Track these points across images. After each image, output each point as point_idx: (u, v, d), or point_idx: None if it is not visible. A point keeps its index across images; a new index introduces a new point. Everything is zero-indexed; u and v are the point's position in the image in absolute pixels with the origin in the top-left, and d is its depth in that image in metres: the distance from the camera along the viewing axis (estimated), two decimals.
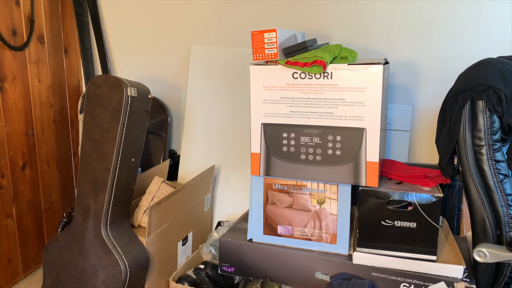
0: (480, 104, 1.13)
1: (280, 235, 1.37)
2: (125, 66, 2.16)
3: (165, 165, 1.94)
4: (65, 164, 2.09)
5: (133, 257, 1.37)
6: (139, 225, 1.61)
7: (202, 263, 1.54)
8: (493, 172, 1.13)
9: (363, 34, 1.82)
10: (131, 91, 1.35)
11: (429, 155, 1.84)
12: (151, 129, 2.07)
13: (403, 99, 1.84)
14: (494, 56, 1.31)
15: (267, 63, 1.27)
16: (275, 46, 1.22)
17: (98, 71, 2.14)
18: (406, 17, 1.76)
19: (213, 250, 1.64)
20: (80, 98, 2.09)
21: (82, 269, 1.35)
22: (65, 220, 1.54)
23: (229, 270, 1.42)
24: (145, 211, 1.59)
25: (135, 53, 2.13)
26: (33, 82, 1.87)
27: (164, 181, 1.69)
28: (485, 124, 1.12)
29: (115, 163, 1.35)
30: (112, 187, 1.36)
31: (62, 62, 2.05)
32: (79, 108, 2.09)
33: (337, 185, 1.29)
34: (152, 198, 1.63)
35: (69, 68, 2.09)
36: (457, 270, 1.19)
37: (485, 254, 1.08)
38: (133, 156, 1.42)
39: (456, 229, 1.65)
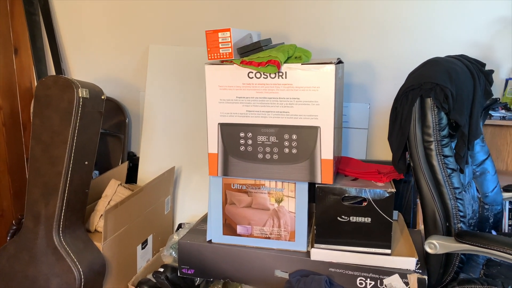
0: (429, 101, 1.16)
1: (239, 235, 1.37)
2: (80, 67, 2.10)
3: (123, 167, 1.89)
4: (17, 169, 2.00)
5: (88, 263, 1.32)
6: (95, 230, 1.56)
7: (161, 266, 1.52)
8: (441, 166, 1.17)
9: (321, 34, 1.85)
10: (83, 92, 1.30)
11: (387, 151, 1.88)
12: (108, 131, 2.01)
13: (361, 97, 1.89)
14: (445, 55, 1.37)
15: (222, 62, 1.26)
16: (230, 45, 1.22)
17: (52, 72, 2.07)
18: (362, 18, 1.80)
19: (173, 253, 1.61)
20: (33, 101, 2.01)
21: (34, 278, 1.29)
22: (14, 227, 1.47)
23: (189, 272, 1.40)
24: (101, 215, 1.55)
25: (91, 53, 2.07)
26: None
27: (121, 184, 1.65)
28: (434, 121, 1.16)
29: (67, 166, 1.30)
30: (65, 192, 1.31)
31: (12, 62, 1.96)
32: (31, 111, 2.00)
33: (295, 183, 1.30)
34: (109, 202, 1.59)
35: (20, 69, 2.00)
36: (410, 262, 1.23)
37: (435, 245, 1.12)
38: (86, 159, 1.37)
39: (412, 223, 1.70)
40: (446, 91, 1.13)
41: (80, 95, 1.30)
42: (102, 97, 1.41)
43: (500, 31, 1.72)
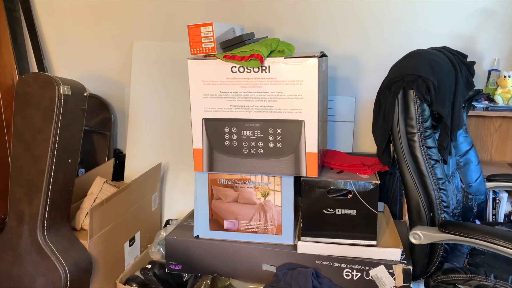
0: (411, 93, 1.17)
1: (226, 230, 1.37)
2: (63, 64, 2.07)
3: (109, 165, 1.88)
4: (1, 168, 1.97)
5: (74, 261, 1.31)
6: (81, 228, 1.55)
7: (149, 263, 1.51)
8: (425, 158, 1.18)
9: (305, 28, 1.85)
10: (64, 89, 1.28)
11: (373, 144, 1.88)
12: (93, 128, 1.99)
13: (346, 91, 1.90)
14: (429, 47, 1.37)
15: (205, 57, 1.25)
16: (212, 40, 1.21)
17: (34, 69, 2.03)
18: (346, 11, 1.80)
19: (161, 249, 1.61)
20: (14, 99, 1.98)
21: (18, 277, 1.28)
22: None
23: (177, 268, 1.40)
24: (87, 213, 1.53)
25: (74, 50, 2.04)
26: None
27: (106, 182, 1.64)
28: (416, 113, 1.17)
29: (49, 165, 1.28)
30: (48, 190, 1.30)
31: None
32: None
33: (280, 177, 1.30)
34: (95, 200, 1.57)
35: (1, 66, 1.97)
36: (395, 253, 1.24)
37: (420, 236, 1.13)
38: (70, 157, 1.36)
39: (398, 215, 1.72)
40: (428, 83, 1.14)
41: (61, 92, 1.28)
42: (85, 94, 1.40)
43: (483, 23, 1.73)
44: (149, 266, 1.49)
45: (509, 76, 1.68)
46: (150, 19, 1.95)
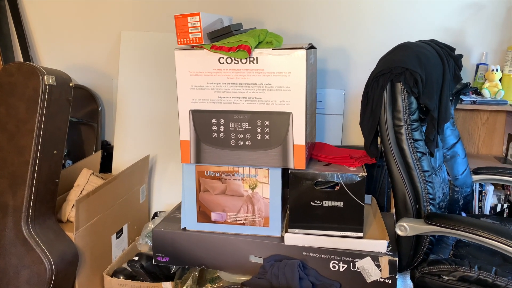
0: (399, 86, 1.17)
1: (214, 222, 1.37)
2: (50, 54, 2.03)
3: (96, 156, 1.86)
4: None
5: (59, 254, 1.30)
6: (68, 220, 1.53)
7: (136, 255, 1.51)
8: (412, 150, 1.18)
9: (295, 20, 1.84)
10: (49, 79, 1.26)
11: (362, 137, 1.91)
12: (81, 120, 1.97)
13: (336, 84, 1.90)
14: (417, 40, 1.37)
15: (192, 47, 1.24)
16: (199, 30, 1.20)
17: (20, 59, 2.00)
18: (337, 4, 1.79)
19: (149, 241, 1.60)
20: None
21: (2, 270, 1.26)
22: None
23: (164, 260, 1.39)
24: (73, 205, 1.52)
25: (61, 40, 2.01)
26: None
27: (93, 173, 1.62)
28: (404, 105, 1.17)
29: (34, 156, 1.27)
30: (33, 182, 1.28)
31: None
32: None
33: (268, 169, 1.30)
34: (81, 192, 1.56)
35: None
36: (381, 245, 1.25)
37: (406, 228, 1.14)
38: (55, 148, 1.34)
39: (386, 207, 1.73)
40: (415, 75, 1.14)
41: (46, 82, 1.26)
42: (70, 84, 1.38)
43: (472, 17, 1.74)
44: (136, 258, 1.49)
45: (497, 70, 1.70)
46: (138, 9, 1.92)
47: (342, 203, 1.25)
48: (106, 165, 1.94)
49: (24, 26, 1.97)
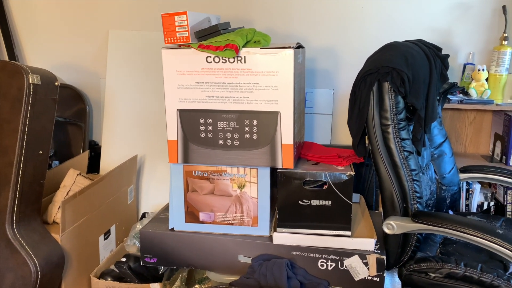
0: (386, 85, 1.18)
1: (202, 222, 1.36)
2: (36, 53, 2.01)
3: (83, 156, 1.84)
4: None
5: (45, 256, 1.28)
6: (54, 221, 1.51)
7: (124, 256, 1.49)
8: (399, 149, 1.19)
9: (284, 20, 1.84)
10: (33, 79, 1.24)
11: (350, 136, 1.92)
12: (68, 120, 1.95)
13: (325, 83, 1.90)
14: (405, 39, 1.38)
15: (180, 46, 1.23)
16: (187, 29, 1.19)
17: (5, 58, 1.97)
18: (325, 4, 1.80)
19: (137, 242, 1.59)
20: None
21: None
22: None
23: (152, 261, 1.38)
24: (59, 206, 1.50)
25: (47, 39, 1.99)
26: None
27: (80, 174, 1.60)
28: (391, 105, 1.18)
29: (18, 156, 1.25)
30: (17, 183, 1.26)
31: None
32: None
33: (256, 168, 1.29)
34: (68, 192, 1.54)
35: None
36: (369, 243, 1.26)
37: (393, 226, 1.15)
38: (40, 149, 1.32)
39: (375, 206, 1.74)
40: (402, 75, 1.15)
41: (30, 82, 1.24)
42: (56, 83, 1.36)
43: (459, 18, 1.76)
44: (124, 259, 1.47)
45: (483, 70, 1.71)
46: (126, 8, 1.91)
47: (330, 202, 1.26)
48: (94, 166, 1.92)
49: (10, 24, 1.94)
